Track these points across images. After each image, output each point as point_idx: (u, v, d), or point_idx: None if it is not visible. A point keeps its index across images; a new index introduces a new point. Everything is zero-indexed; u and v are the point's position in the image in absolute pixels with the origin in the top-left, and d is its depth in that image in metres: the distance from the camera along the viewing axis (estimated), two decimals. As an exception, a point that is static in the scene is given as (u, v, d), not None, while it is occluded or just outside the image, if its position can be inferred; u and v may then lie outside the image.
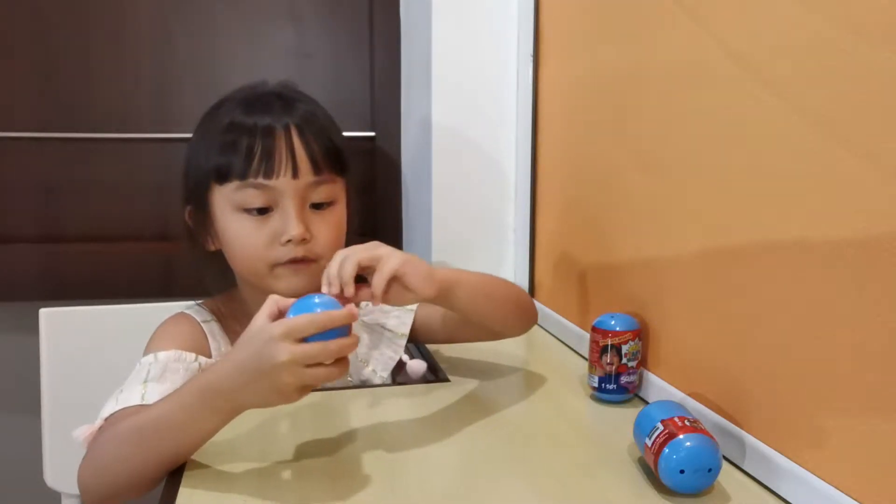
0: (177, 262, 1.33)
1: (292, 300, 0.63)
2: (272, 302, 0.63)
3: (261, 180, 0.77)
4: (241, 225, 0.78)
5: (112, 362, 1.08)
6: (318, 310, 0.60)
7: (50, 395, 1.06)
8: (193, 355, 0.78)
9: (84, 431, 0.70)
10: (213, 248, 0.84)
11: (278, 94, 0.82)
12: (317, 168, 0.79)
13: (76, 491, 1.06)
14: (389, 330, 0.90)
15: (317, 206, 0.80)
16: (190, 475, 0.63)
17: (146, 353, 0.78)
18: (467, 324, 0.84)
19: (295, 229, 0.77)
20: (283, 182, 0.77)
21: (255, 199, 0.77)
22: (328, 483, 0.62)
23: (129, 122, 1.35)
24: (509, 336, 0.89)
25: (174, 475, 0.63)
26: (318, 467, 0.65)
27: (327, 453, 0.68)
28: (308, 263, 0.79)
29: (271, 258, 0.78)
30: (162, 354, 0.76)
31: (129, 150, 1.36)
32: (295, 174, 0.77)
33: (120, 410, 0.69)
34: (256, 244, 0.78)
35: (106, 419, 0.70)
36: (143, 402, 0.69)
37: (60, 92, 1.33)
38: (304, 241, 0.78)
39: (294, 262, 0.79)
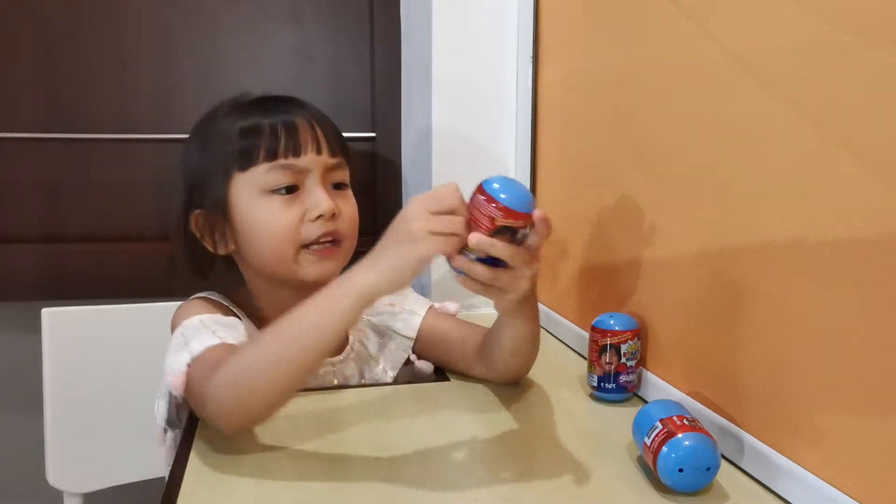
0: (178, 263, 1.33)
1: None
2: None
3: (290, 160, 0.79)
4: (271, 206, 0.79)
5: (114, 361, 1.09)
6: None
7: (52, 394, 1.07)
8: (235, 319, 0.79)
9: (176, 378, 0.70)
10: (229, 248, 0.83)
11: (280, 98, 0.85)
12: (334, 148, 0.83)
13: (78, 489, 1.09)
14: (397, 332, 0.91)
15: (336, 188, 0.84)
16: (190, 474, 0.64)
17: (180, 324, 0.77)
18: (497, 345, 0.82)
19: (326, 203, 0.79)
20: (310, 158, 0.80)
21: (284, 178, 0.79)
22: (328, 482, 0.62)
23: (130, 123, 1.35)
24: (502, 379, 0.86)
25: (174, 475, 0.64)
26: (318, 466, 0.65)
27: (328, 452, 0.68)
28: (334, 249, 0.81)
29: (301, 237, 0.79)
30: (206, 316, 0.77)
31: (130, 151, 1.36)
32: (319, 151, 0.81)
33: (206, 350, 0.70)
34: (287, 223, 0.79)
35: (189, 364, 0.70)
36: (227, 342, 0.71)
37: (62, 93, 1.33)
38: (333, 216, 0.80)
39: (322, 244, 0.80)
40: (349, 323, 0.65)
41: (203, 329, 0.74)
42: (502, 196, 0.62)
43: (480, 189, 0.64)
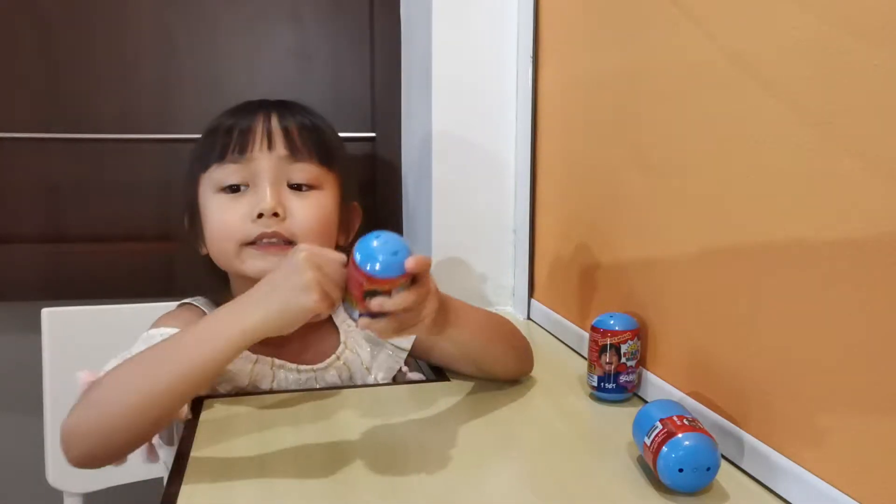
0: (178, 263, 1.33)
1: None
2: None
3: (235, 156, 0.79)
4: (218, 204, 0.79)
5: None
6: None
7: (52, 394, 1.07)
8: None
9: (86, 376, 0.70)
10: (203, 250, 0.85)
11: (264, 101, 0.85)
12: (292, 145, 0.80)
13: (78, 489, 1.08)
14: (392, 343, 0.90)
15: (297, 189, 0.81)
16: (190, 475, 0.63)
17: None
18: (463, 359, 0.84)
19: (267, 202, 0.77)
20: (257, 155, 0.79)
21: (231, 175, 0.79)
22: (329, 482, 0.62)
23: (130, 123, 1.36)
24: (502, 377, 0.86)
25: (174, 476, 0.64)
26: (317, 466, 0.65)
27: (327, 452, 0.68)
28: (279, 247, 0.79)
29: (241, 235, 0.78)
30: (166, 330, 0.77)
31: (130, 151, 1.36)
32: (270, 148, 0.79)
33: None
34: (229, 220, 0.78)
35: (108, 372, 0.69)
36: None
37: (63, 93, 1.33)
38: (276, 215, 0.78)
39: (264, 242, 0.78)
40: (227, 360, 0.63)
41: (150, 343, 0.72)
42: (367, 266, 0.60)
43: (352, 252, 0.62)
